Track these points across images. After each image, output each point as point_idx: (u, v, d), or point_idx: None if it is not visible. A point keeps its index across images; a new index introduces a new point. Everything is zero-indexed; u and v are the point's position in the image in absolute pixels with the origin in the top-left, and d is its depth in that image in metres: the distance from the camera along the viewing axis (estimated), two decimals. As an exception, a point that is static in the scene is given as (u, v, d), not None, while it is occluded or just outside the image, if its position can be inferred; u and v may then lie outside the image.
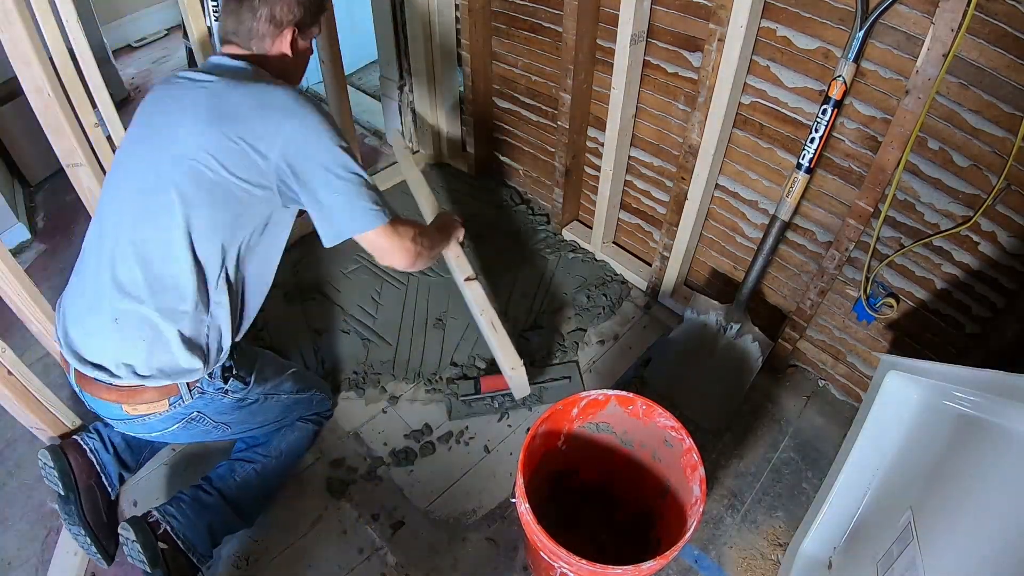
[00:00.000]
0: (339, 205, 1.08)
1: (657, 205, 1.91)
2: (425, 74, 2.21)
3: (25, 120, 2.10)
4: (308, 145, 1.05)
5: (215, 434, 1.29)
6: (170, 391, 1.12)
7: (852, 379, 1.67)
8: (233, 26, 1.14)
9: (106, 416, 1.17)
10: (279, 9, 1.12)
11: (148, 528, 1.20)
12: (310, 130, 1.06)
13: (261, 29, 1.13)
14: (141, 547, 1.16)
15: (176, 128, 1.06)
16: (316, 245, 2.09)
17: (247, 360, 1.26)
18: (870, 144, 1.34)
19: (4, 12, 1.24)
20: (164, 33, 3.65)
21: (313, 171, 1.06)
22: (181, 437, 1.27)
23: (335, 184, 1.07)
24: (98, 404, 1.14)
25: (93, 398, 1.13)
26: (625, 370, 1.79)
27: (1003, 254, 1.24)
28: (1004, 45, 1.08)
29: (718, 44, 1.40)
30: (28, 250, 2.23)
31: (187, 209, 1.04)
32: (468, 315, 1.79)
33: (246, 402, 1.28)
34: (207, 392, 1.16)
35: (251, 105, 1.05)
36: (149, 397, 1.11)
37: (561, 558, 1.01)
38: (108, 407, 1.13)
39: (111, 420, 1.18)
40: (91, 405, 1.16)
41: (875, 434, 1.18)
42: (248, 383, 1.24)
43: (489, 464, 1.57)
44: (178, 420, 1.18)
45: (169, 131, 1.07)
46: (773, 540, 1.44)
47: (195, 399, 1.15)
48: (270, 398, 1.34)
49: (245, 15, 1.12)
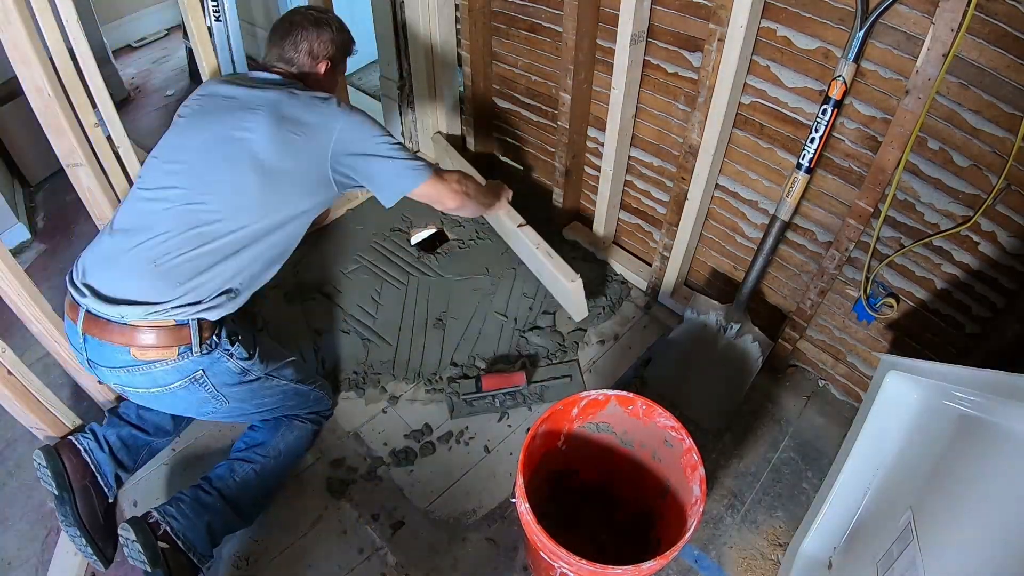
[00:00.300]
0: (388, 174, 1.30)
1: (657, 205, 1.92)
2: (425, 74, 2.21)
3: (25, 120, 2.10)
4: (355, 136, 1.27)
5: (212, 407, 1.29)
6: (182, 338, 1.17)
7: (852, 379, 1.67)
8: (277, 55, 1.37)
9: (110, 364, 1.18)
10: (316, 46, 1.37)
11: (148, 528, 1.20)
12: (355, 125, 1.28)
13: (300, 59, 1.37)
14: (141, 547, 1.17)
15: (241, 121, 1.23)
16: (316, 245, 2.11)
17: (249, 336, 1.32)
18: (870, 144, 1.34)
19: (4, 12, 1.24)
20: (164, 33, 3.65)
21: (362, 155, 1.27)
22: (179, 404, 1.27)
23: (382, 161, 1.29)
24: (104, 350, 1.16)
25: (100, 342, 1.15)
26: (625, 370, 1.79)
27: (1003, 254, 1.24)
28: (1004, 45, 1.08)
29: (718, 44, 1.40)
30: (28, 250, 2.23)
31: (259, 177, 1.21)
32: (519, 258, 2.02)
33: (248, 376, 1.30)
34: (214, 352, 1.22)
35: (305, 109, 1.26)
36: (162, 341, 1.16)
37: (561, 558, 1.01)
38: (115, 352, 1.16)
39: (115, 369, 1.18)
40: (95, 356, 1.18)
41: (875, 434, 1.18)
42: (252, 355, 1.29)
43: (489, 464, 1.57)
44: (183, 376, 1.20)
45: (234, 120, 1.23)
46: (773, 540, 1.44)
47: (203, 355, 1.20)
48: (271, 379, 1.36)
49: (288, 49, 1.36)
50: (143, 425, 1.45)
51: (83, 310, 1.15)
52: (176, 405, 1.28)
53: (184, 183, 1.20)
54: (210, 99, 1.30)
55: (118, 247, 1.18)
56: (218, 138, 1.22)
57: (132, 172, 1.68)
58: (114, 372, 1.19)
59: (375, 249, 2.11)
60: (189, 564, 1.23)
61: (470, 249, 2.11)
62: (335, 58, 1.41)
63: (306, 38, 1.35)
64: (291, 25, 1.36)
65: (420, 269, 2.04)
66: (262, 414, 1.42)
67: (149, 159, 1.27)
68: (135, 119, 2.93)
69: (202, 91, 1.34)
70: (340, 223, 2.21)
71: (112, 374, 1.20)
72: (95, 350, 1.18)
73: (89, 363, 1.21)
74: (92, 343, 1.17)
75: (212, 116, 1.26)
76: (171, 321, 1.16)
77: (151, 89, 3.17)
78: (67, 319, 1.21)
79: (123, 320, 1.14)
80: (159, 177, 1.23)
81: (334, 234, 2.16)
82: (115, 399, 1.58)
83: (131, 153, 1.65)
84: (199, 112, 1.29)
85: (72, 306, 1.18)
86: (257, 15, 3.04)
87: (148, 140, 2.73)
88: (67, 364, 1.46)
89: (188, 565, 1.23)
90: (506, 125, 2.25)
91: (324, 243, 2.13)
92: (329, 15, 1.43)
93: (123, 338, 1.15)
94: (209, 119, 1.26)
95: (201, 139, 1.24)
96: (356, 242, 2.14)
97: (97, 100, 1.50)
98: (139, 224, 1.19)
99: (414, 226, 2.20)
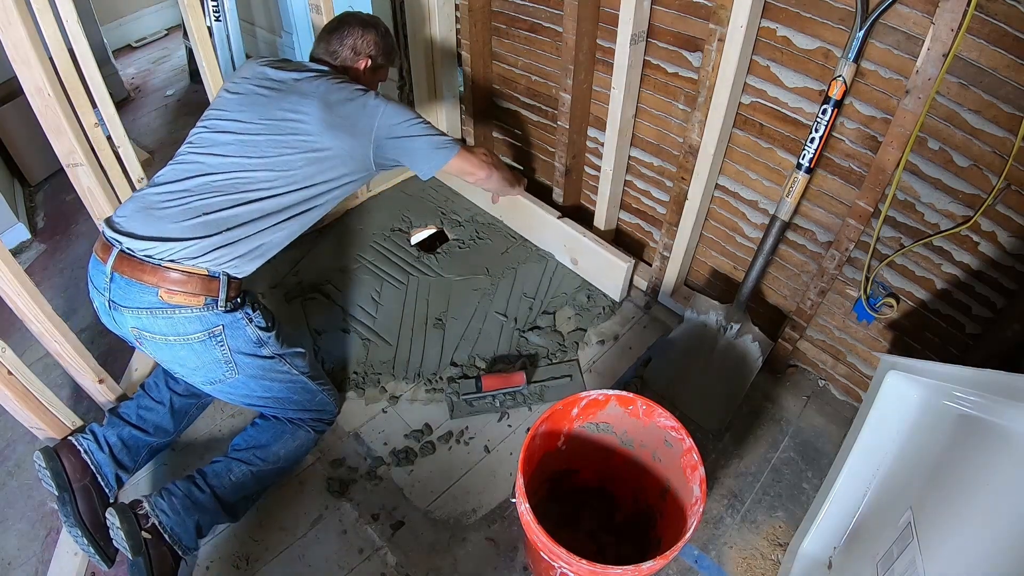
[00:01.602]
0: (425, 151, 1.42)
1: (657, 205, 1.92)
2: (425, 74, 2.21)
3: (25, 120, 2.11)
4: (395, 121, 1.37)
5: (222, 373, 1.31)
6: (211, 290, 1.24)
7: (852, 379, 1.67)
8: (324, 48, 1.48)
9: (135, 305, 1.22)
10: (360, 43, 1.48)
11: (134, 517, 1.23)
12: (393, 112, 1.37)
13: (344, 54, 1.48)
14: (124, 535, 1.20)
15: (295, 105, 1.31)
16: (316, 245, 2.11)
17: (269, 313, 1.41)
18: (870, 144, 1.34)
19: (5, 12, 1.24)
20: (164, 33, 3.66)
21: (403, 138, 1.38)
22: (191, 359, 1.28)
23: (418, 140, 1.40)
24: (132, 289, 1.20)
25: (129, 281, 1.20)
26: (625, 370, 1.79)
27: (1003, 254, 1.24)
28: (1004, 45, 1.08)
29: (718, 44, 1.40)
30: (28, 250, 2.23)
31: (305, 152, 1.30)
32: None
33: (263, 350, 1.35)
34: (236, 312, 1.29)
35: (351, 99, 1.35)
36: (191, 287, 1.22)
37: (561, 558, 1.01)
38: (143, 292, 1.20)
39: (138, 311, 1.22)
40: (119, 296, 1.22)
41: (875, 434, 1.17)
42: (269, 328, 1.36)
43: (489, 464, 1.57)
44: (203, 328, 1.25)
45: (289, 104, 1.32)
46: (773, 540, 1.44)
47: (226, 311, 1.27)
48: (283, 363, 1.39)
49: (335, 43, 1.47)
50: (143, 425, 1.45)
51: (117, 249, 1.21)
52: (188, 360, 1.28)
53: (235, 152, 1.28)
54: (261, 80, 1.37)
55: (164, 197, 1.25)
56: (273, 118, 1.31)
57: (132, 172, 1.68)
58: (136, 314, 1.22)
59: (375, 249, 2.11)
60: (172, 554, 1.25)
61: (470, 249, 2.11)
62: (376, 59, 1.51)
63: (352, 35, 1.47)
64: (340, 23, 1.49)
65: (420, 269, 2.04)
66: (267, 403, 1.42)
67: (197, 127, 1.36)
68: (135, 119, 2.93)
69: (250, 71, 1.41)
70: (340, 223, 2.21)
71: (133, 316, 1.23)
72: (121, 290, 1.21)
73: (110, 304, 1.24)
74: (120, 282, 1.21)
75: (265, 97, 1.34)
76: (203, 270, 1.23)
77: (151, 89, 3.17)
78: (94, 259, 1.25)
79: (159, 260, 1.19)
80: (210, 144, 1.31)
81: (334, 234, 2.16)
82: (115, 399, 1.58)
83: (131, 153, 1.65)
84: (250, 91, 1.36)
85: (105, 246, 1.23)
86: (257, 15, 3.04)
87: (148, 140, 2.76)
88: (67, 364, 1.46)
89: (171, 555, 1.25)
90: (506, 125, 2.25)
91: (324, 243, 2.13)
92: (377, 20, 1.54)
93: (154, 277, 1.20)
94: (263, 99, 1.34)
95: (256, 115, 1.32)
96: (356, 242, 2.14)
97: (97, 100, 1.50)
98: (188, 179, 1.26)
99: (414, 226, 2.20)
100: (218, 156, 1.28)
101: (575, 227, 1.96)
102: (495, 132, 2.31)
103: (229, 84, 1.42)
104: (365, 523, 1.45)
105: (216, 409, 1.65)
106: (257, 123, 1.31)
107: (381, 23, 1.53)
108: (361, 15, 1.52)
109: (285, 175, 1.29)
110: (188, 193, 1.24)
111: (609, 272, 1.92)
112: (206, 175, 1.26)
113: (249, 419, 1.55)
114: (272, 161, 1.28)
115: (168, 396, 1.49)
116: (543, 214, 2.01)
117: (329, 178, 1.34)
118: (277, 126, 1.30)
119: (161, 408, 1.48)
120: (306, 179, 1.31)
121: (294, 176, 1.29)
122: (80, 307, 1.94)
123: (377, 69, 1.54)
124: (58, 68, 1.39)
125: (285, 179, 1.29)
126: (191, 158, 1.30)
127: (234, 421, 1.64)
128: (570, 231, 1.95)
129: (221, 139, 1.30)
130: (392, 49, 1.57)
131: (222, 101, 1.38)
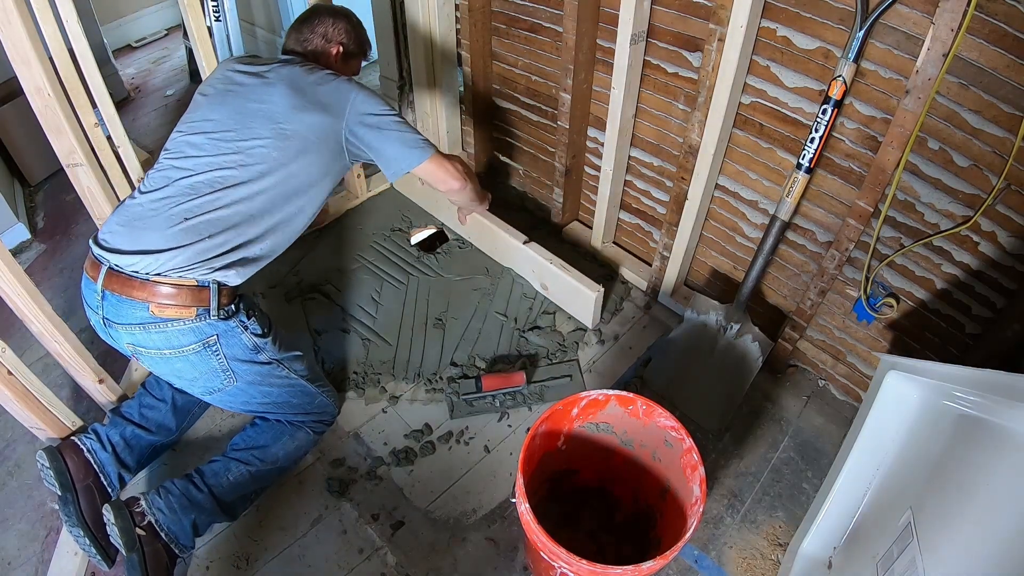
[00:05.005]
0: (395, 149, 1.37)
1: (657, 205, 1.92)
2: (425, 74, 2.21)
3: (25, 120, 2.10)
4: (367, 107, 1.34)
5: (220, 382, 1.30)
6: (202, 300, 1.21)
7: (852, 379, 1.67)
8: (295, 39, 1.47)
9: (127, 321, 1.21)
10: (331, 31, 1.47)
11: (129, 514, 1.23)
12: (367, 98, 1.34)
13: (315, 41, 1.46)
14: (119, 531, 1.20)
15: (261, 94, 1.31)
16: (316, 245, 2.11)
17: (265, 318, 1.37)
18: (870, 144, 1.34)
19: (4, 12, 1.24)
20: (164, 33, 3.65)
21: (373, 128, 1.34)
22: (188, 371, 1.27)
23: (389, 134, 1.36)
24: (123, 306, 1.19)
25: (120, 298, 1.19)
26: (625, 370, 1.79)
27: (1003, 254, 1.24)
28: (1004, 45, 1.08)
29: (718, 44, 1.40)
30: (28, 250, 2.23)
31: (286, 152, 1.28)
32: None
33: (259, 356, 1.33)
34: (230, 320, 1.26)
35: (320, 81, 1.34)
36: (181, 299, 1.19)
37: (561, 558, 1.01)
38: (134, 308, 1.19)
39: (131, 327, 1.21)
40: (112, 313, 1.21)
41: (875, 434, 1.17)
42: (265, 334, 1.33)
43: (489, 464, 1.57)
44: (197, 339, 1.23)
45: (255, 94, 1.31)
46: (773, 540, 1.44)
47: (219, 319, 1.24)
48: (281, 367, 1.38)
49: (305, 31, 1.46)
50: (146, 424, 1.45)
51: (105, 267, 1.19)
52: (185, 372, 1.28)
53: (210, 151, 1.27)
54: (230, 76, 1.37)
55: (146, 208, 1.23)
56: (239, 110, 1.30)
57: (132, 172, 1.68)
58: (130, 330, 1.21)
59: (375, 249, 2.11)
60: (167, 552, 1.25)
61: (470, 249, 2.11)
62: (348, 47, 1.49)
63: (322, 23, 1.46)
64: (311, 13, 1.49)
65: (420, 269, 2.04)
66: (266, 407, 1.42)
67: (173, 133, 1.34)
68: (135, 119, 2.93)
69: (220, 72, 1.41)
70: (340, 223, 2.21)
71: (127, 332, 1.22)
72: (113, 307, 1.20)
73: (104, 322, 1.23)
74: (111, 299, 1.20)
75: (232, 92, 1.34)
76: (192, 280, 1.20)
77: (151, 89, 3.17)
78: (85, 277, 1.24)
79: (146, 274, 1.18)
80: (184, 147, 1.29)
81: (334, 234, 2.16)
82: (115, 399, 1.58)
83: (131, 153, 1.65)
84: (220, 91, 1.36)
85: (94, 264, 1.22)
86: (257, 15, 3.04)
87: (148, 140, 2.76)
88: (67, 364, 1.46)
89: (165, 553, 1.25)
90: (506, 125, 2.25)
91: (324, 243, 2.13)
92: (348, 10, 1.52)
93: (144, 293, 1.18)
94: (230, 95, 1.33)
95: (226, 112, 1.31)
96: (356, 242, 2.14)
97: (97, 100, 1.50)
98: (166, 187, 1.24)
99: (414, 226, 2.20)
100: (193, 157, 1.27)
101: (542, 252, 1.87)
102: (495, 132, 2.31)
103: (201, 88, 1.41)
104: (365, 523, 1.45)
105: (216, 408, 1.65)
106: (228, 119, 1.30)
107: (353, 14, 1.52)
108: (332, 6, 1.52)
109: (258, 168, 1.26)
110: (169, 199, 1.23)
111: (578, 299, 1.85)
112: (184, 178, 1.24)
113: (248, 418, 1.55)
114: (245, 156, 1.26)
115: (170, 394, 1.49)
116: (508, 238, 1.93)
117: (303, 167, 1.30)
118: (247, 119, 1.29)
119: (163, 406, 1.48)
120: (282, 168, 1.27)
121: (268, 167, 1.26)
122: (80, 307, 1.92)
123: (349, 58, 1.51)
124: (58, 68, 1.39)
125: (260, 173, 1.26)
126: (168, 164, 1.28)
127: (234, 421, 1.64)
128: (536, 257, 1.87)
129: (196, 140, 1.29)
130: (364, 40, 1.54)
131: (195, 105, 1.37)
